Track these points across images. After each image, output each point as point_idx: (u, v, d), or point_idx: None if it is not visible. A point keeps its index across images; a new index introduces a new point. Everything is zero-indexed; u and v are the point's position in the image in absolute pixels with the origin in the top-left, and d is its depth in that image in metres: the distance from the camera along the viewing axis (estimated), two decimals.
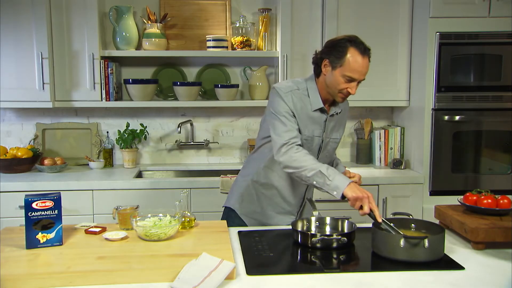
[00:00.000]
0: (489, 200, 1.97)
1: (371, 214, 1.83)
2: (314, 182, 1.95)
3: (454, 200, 2.19)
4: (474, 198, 2.02)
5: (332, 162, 2.34)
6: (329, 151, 2.22)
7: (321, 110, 2.12)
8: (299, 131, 2.09)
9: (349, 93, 2.05)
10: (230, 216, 2.28)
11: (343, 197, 1.88)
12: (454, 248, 1.85)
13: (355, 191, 1.85)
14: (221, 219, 2.27)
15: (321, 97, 2.12)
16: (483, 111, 3.13)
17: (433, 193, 3.18)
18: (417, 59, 3.25)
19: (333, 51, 2.02)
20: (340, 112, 2.20)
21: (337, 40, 2.05)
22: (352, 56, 1.98)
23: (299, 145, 2.03)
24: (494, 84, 3.11)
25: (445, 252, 1.76)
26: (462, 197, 2.08)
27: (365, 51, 2.01)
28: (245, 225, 2.24)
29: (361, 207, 1.84)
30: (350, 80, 2.01)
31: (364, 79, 2.04)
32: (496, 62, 3.09)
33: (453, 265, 1.68)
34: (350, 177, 2.08)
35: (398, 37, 3.31)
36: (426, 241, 1.64)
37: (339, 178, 1.90)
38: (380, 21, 3.29)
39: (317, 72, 2.12)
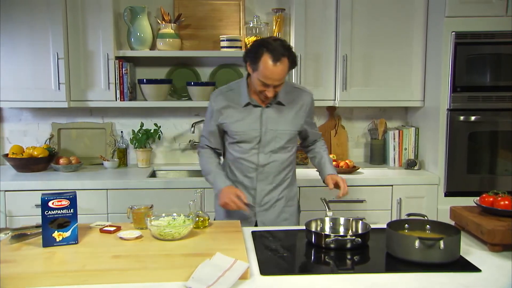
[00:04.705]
0: (506, 202, 1.94)
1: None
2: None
3: (469, 201, 2.16)
4: (491, 199, 2.00)
5: (317, 156, 2.43)
6: (279, 142, 2.25)
7: (254, 104, 2.21)
8: (228, 127, 2.24)
9: (267, 96, 2.12)
10: None
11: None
12: (470, 250, 1.83)
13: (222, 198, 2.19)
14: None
15: (252, 92, 2.21)
16: (499, 112, 3.09)
17: (448, 194, 3.14)
18: (432, 59, 3.21)
19: (251, 54, 2.09)
20: (284, 105, 2.23)
21: (256, 43, 2.11)
22: (264, 63, 2.03)
23: (206, 147, 2.37)
24: (511, 84, 3.07)
25: (461, 254, 1.74)
26: (478, 198, 2.06)
27: (278, 57, 2.02)
28: None
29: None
30: (265, 84, 2.06)
31: (280, 83, 2.08)
32: None
33: (469, 267, 1.66)
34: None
35: (413, 36, 3.28)
36: (441, 242, 1.63)
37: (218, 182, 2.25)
38: (394, 20, 3.26)
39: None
